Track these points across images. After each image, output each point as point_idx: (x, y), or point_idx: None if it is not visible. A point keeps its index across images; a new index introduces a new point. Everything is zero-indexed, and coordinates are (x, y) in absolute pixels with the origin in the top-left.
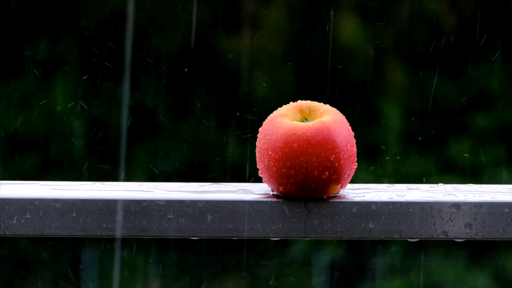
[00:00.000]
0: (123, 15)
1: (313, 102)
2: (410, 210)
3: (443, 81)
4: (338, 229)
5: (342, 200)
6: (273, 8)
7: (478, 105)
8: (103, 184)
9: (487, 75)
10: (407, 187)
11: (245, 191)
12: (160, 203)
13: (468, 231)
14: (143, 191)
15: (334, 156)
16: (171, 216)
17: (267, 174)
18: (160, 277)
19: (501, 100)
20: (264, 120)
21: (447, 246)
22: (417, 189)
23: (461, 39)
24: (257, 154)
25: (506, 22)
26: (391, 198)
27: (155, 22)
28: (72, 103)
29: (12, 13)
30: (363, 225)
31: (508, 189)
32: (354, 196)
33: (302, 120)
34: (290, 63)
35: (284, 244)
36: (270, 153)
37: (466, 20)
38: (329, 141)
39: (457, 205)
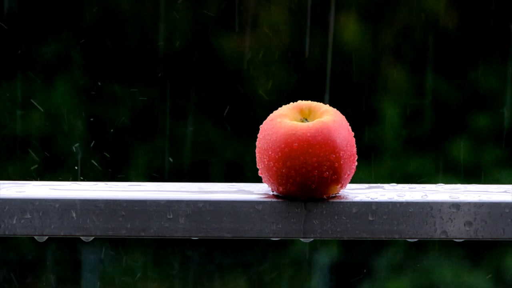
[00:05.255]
0: (123, 15)
1: (313, 102)
2: (410, 210)
3: (442, 81)
4: (338, 229)
5: (342, 200)
6: (273, 8)
7: (478, 105)
8: (103, 184)
9: (487, 75)
10: (407, 187)
11: (245, 191)
12: (160, 203)
13: (468, 231)
14: (143, 191)
15: (334, 156)
16: (171, 216)
17: (267, 174)
18: (160, 277)
19: (500, 100)
20: (264, 120)
21: (447, 246)
22: (417, 189)
23: (460, 39)
24: (257, 154)
25: (505, 22)
26: (391, 198)
27: (155, 21)
28: (73, 102)
29: (14, 13)
30: (363, 225)
31: (508, 189)
32: (354, 196)
33: (302, 120)
34: (290, 63)
35: (284, 244)
36: (270, 153)
37: (465, 20)
38: (329, 141)
39: (457, 205)
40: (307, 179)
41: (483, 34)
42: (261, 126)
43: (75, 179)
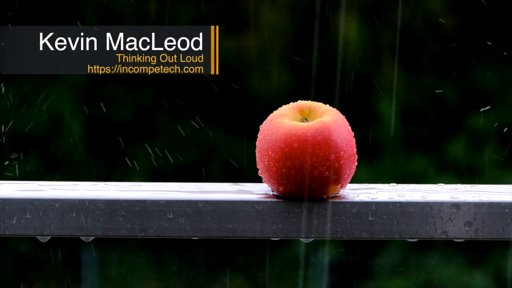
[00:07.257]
0: (123, 14)
1: (313, 102)
2: (410, 210)
3: (442, 81)
4: (338, 229)
5: (342, 200)
6: (273, 8)
7: (477, 105)
8: (103, 184)
9: (486, 75)
10: (407, 187)
11: (245, 191)
12: (160, 203)
13: (468, 231)
14: (143, 191)
15: (334, 156)
16: (171, 216)
17: (267, 174)
18: (159, 277)
19: (499, 100)
20: (264, 120)
21: (447, 246)
22: (417, 189)
23: (460, 39)
24: (257, 154)
25: (504, 22)
26: (391, 198)
27: (155, 21)
28: (72, 102)
29: (13, 10)
30: (363, 225)
31: (508, 189)
32: (354, 196)
33: (302, 120)
34: (289, 63)
35: (284, 244)
36: (270, 153)
37: (465, 20)
38: (329, 141)
39: (457, 205)
40: (307, 179)
41: (483, 34)
42: (261, 126)
43: (75, 179)
